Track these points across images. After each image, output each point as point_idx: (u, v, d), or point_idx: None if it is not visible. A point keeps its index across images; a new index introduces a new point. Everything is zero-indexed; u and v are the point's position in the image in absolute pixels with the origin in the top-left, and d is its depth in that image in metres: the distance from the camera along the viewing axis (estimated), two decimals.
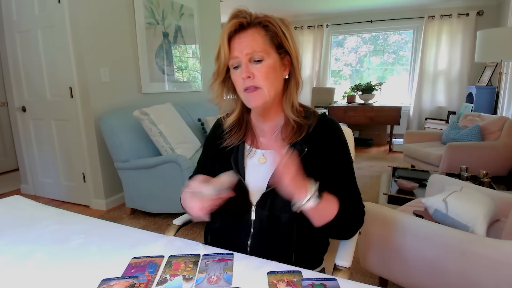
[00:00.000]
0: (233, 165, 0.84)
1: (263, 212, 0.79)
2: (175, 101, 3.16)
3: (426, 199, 1.48)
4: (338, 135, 0.85)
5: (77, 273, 0.63)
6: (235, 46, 0.76)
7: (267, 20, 0.76)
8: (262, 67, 0.75)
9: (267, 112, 0.84)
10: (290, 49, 0.78)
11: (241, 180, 0.82)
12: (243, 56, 0.75)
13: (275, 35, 0.77)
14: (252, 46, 0.74)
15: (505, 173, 2.82)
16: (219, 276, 0.61)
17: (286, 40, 0.77)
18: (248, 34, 0.76)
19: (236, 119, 0.88)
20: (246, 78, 0.75)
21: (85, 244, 0.75)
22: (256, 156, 0.86)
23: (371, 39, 5.80)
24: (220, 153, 0.89)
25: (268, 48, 0.76)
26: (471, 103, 4.17)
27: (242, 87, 0.77)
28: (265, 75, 0.75)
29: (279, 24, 0.77)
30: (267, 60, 0.75)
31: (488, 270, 1.03)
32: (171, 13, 3.29)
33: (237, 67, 0.77)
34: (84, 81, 2.51)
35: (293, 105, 0.83)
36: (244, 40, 0.75)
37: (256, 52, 0.74)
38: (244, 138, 0.88)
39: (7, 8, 2.72)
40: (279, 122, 0.86)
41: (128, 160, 2.41)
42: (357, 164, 4.09)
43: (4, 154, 3.93)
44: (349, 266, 0.79)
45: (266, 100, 0.78)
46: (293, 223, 0.78)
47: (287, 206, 0.76)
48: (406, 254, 1.23)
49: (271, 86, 0.77)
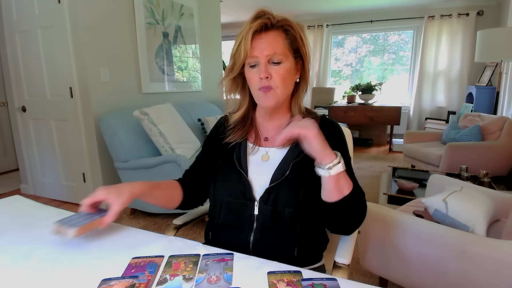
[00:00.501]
0: (236, 161, 0.85)
1: (266, 207, 0.80)
2: (175, 101, 3.16)
3: (426, 199, 1.48)
4: (339, 135, 0.88)
5: (77, 273, 0.63)
6: (256, 46, 0.77)
7: (288, 24, 0.79)
8: (280, 69, 0.78)
9: (276, 112, 0.87)
10: (305, 55, 0.81)
11: (244, 176, 0.83)
12: (263, 56, 0.77)
13: (294, 40, 0.79)
14: (274, 48, 0.77)
15: (505, 173, 2.82)
16: (219, 276, 0.61)
17: (303, 46, 0.81)
18: (270, 35, 0.78)
19: (241, 116, 0.89)
20: (264, 78, 0.77)
21: (85, 244, 0.75)
22: (259, 153, 0.87)
23: (371, 39, 5.80)
24: (222, 149, 0.90)
25: (287, 52, 0.79)
26: (471, 103, 4.18)
27: (257, 85, 0.79)
28: (282, 77, 0.78)
29: (299, 29, 0.80)
30: (285, 63, 0.78)
31: (488, 270, 1.03)
32: (171, 13, 3.29)
33: (254, 66, 0.79)
34: (84, 81, 2.51)
35: (300, 107, 0.87)
36: (265, 41, 0.77)
37: (276, 55, 0.77)
38: (247, 135, 0.89)
39: (7, 8, 2.72)
40: (284, 122, 0.87)
41: (128, 160, 2.41)
42: (357, 164, 4.09)
43: (4, 154, 3.93)
44: (348, 263, 0.79)
45: (278, 101, 0.80)
46: (296, 218, 0.79)
47: (290, 201, 0.78)
48: (406, 254, 1.23)
49: (284, 88, 0.80)
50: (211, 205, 0.89)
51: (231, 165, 0.85)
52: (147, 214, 2.58)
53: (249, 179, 0.83)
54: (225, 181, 0.85)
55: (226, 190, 0.85)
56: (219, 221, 0.86)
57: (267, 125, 0.89)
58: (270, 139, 0.88)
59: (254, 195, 0.82)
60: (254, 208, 0.81)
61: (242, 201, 0.82)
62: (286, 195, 0.79)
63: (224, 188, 0.85)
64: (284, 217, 0.79)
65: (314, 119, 0.76)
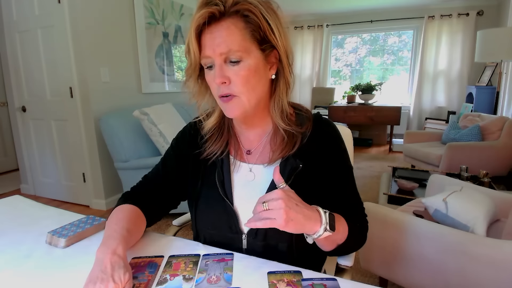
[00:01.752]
0: (219, 185, 0.71)
1: (256, 242, 0.70)
2: (175, 101, 3.16)
3: (426, 199, 1.48)
4: (337, 143, 0.74)
5: (77, 273, 0.63)
6: (207, 43, 0.61)
7: (246, 8, 0.60)
8: (240, 69, 0.61)
9: (250, 120, 0.72)
10: (277, 43, 0.63)
11: (229, 205, 0.70)
12: (217, 56, 0.61)
13: (257, 28, 0.61)
14: (228, 43, 0.59)
15: (505, 173, 2.82)
16: (219, 276, 0.61)
17: (272, 33, 0.62)
18: (223, 27, 0.60)
19: (216, 123, 0.75)
20: (220, 84, 0.62)
21: (85, 244, 0.75)
22: (243, 170, 0.73)
23: (371, 39, 5.80)
24: (200, 167, 0.75)
25: (248, 45, 0.61)
26: (471, 103, 4.17)
27: (217, 92, 0.64)
28: (243, 79, 0.62)
29: (263, 12, 0.60)
30: (247, 60, 0.61)
31: (488, 270, 1.03)
32: (171, 13, 3.29)
33: (211, 67, 0.64)
34: (84, 81, 2.51)
35: (283, 110, 0.69)
36: (217, 36, 0.60)
37: (232, 52, 0.60)
38: (228, 146, 0.75)
39: (7, 8, 2.72)
40: (267, 128, 0.73)
41: (128, 160, 2.41)
42: (357, 164, 4.08)
43: (4, 154, 3.93)
44: (351, 265, 0.79)
45: (246, 109, 0.65)
46: (292, 252, 0.70)
47: (283, 234, 0.61)
48: (406, 254, 1.23)
49: (251, 93, 0.64)
50: (194, 232, 0.78)
51: (213, 189, 0.72)
52: None
53: (234, 208, 0.70)
54: (207, 210, 0.73)
55: (209, 221, 0.73)
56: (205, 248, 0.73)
57: (247, 135, 0.74)
58: (253, 152, 0.74)
59: (241, 227, 0.71)
60: (242, 242, 0.71)
61: (228, 235, 0.71)
62: (279, 229, 0.60)
63: (207, 218, 0.74)
64: (278, 251, 0.69)
65: (291, 168, 0.65)
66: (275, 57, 0.66)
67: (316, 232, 0.58)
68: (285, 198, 0.54)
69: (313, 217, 0.57)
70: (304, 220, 0.56)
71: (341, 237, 0.65)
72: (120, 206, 0.74)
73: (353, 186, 0.75)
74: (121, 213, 0.71)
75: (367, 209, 0.81)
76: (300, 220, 0.55)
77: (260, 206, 0.55)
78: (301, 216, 0.55)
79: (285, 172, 0.68)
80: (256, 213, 0.56)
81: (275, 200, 0.54)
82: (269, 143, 0.73)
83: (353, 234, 0.68)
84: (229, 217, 0.71)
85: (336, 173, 0.72)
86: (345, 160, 0.74)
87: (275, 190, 0.56)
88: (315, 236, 0.59)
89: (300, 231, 0.57)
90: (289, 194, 0.56)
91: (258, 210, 0.55)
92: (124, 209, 0.72)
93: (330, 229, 0.58)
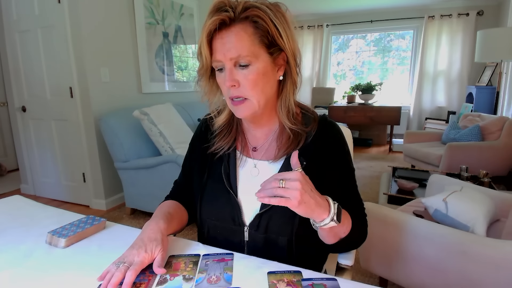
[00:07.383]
0: (224, 177, 0.75)
1: (257, 235, 0.72)
2: (175, 101, 3.16)
3: (426, 199, 1.48)
4: (341, 144, 0.76)
5: (77, 273, 0.63)
6: (218, 47, 0.65)
7: (255, 14, 0.63)
8: (249, 73, 0.65)
9: (258, 120, 0.75)
10: (284, 46, 0.66)
11: (233, 197, 0.73)
12: (227, 60, 0.64)
13: (265, 33, 0.64)
14: (237, 49, 0.63)
15: (505, 173, 2.82)
16: (219, 276, 0.61)
17: (280, 37, 0.65)
18: (233, 33, 0.63)
19: (226, 120, 0.79)
20: (230, 87, 0.66)
21: (85, 244, 0.75)
22: (248, 166, 0.77)
23: (371, 39, 5.80)
24: (208, 159, 0.79)
25: (257, 50, 0.64)
26: (471, 103, 4.18)
27: (227, 94, 0.68)
28: (253, 83, 0.65)
29: (272, 17, 0.64)
30: (255, 64, 0.65)
31: (488, 270, 1.03)
32: (171, 13, 3.29)
33: (221, 69, 0.67)
34: (84, 81, 2.51)
35: (289, 109, 0.72)
36: (227, 41, 0.63)
37: (241, 57, 0.63)
38: (235, 142, 0.78)
39: (7, 8, 2.72)
40: (273, 127, 0.77)
41: (128, 160, 2.41)
42: (357, 164, 4.08)
43: (4, 154, 3.93)
44: (351, 264, 0.79)
45: (255, 110, 0.69)
46: (291, 246, 0.71)
47: (284, 228, 0.69)
48: (406, 254, 1.23)
49: (260, 95, 0.67)
50: (198, 222, 0.81)
51: (218, 181, 0.75)
52: (147, 214, 2.57)
53: (238, 200, 0.73)
54: (212, 201, 0.76)
55: (213, 212, 0.76)
56: (208, 242, 0.77)
57: (254, 133, 0.78)
58: (259, 149, 0.77)
59: (243, 220, 0.73)
60: (244, 234, 0.73)
61: (231, 226, 0.74)
62: (280, 222, 0.69)
63: (211, 209, 0.76)
64: (278, 245, 0.71)
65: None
66: (283, 59, 0.69)
67: (323, 220, 0.61)
68: (302, 180, 0.57)
69: (323, 205, 0.60)
70: (315, 206, 0.58)
71: (344, 231, 0.68)
72: (162, 202, 0.84)
73: (355, 187, 0.77)
74: (163, 204, 0.81)
75: (367, 209, 0.81)
76: (312, 205, 0.58)
77: (276, 182, 0.57)
78: (313, 201, 0.58)
79: (289, 168, 0.68)
80: (270, 188, 0.57)
81: (293, 180, 0.56)
82: (275, 140, 0.76)
83: (356, 229, 0.70)
84: (233, 208, 0.73)
85: (338, 174, 0.74)
86: (348, 162, 0.77)
87: (293, 171, 0.58)
88: (321, 224, 0.61)
89: (308, 215, 0.60)
90: (306, 178, 0.59)
91: (273, 185, 0.57)
92: (165, 202, 0.83)
93: (337, 220, 0.61)
